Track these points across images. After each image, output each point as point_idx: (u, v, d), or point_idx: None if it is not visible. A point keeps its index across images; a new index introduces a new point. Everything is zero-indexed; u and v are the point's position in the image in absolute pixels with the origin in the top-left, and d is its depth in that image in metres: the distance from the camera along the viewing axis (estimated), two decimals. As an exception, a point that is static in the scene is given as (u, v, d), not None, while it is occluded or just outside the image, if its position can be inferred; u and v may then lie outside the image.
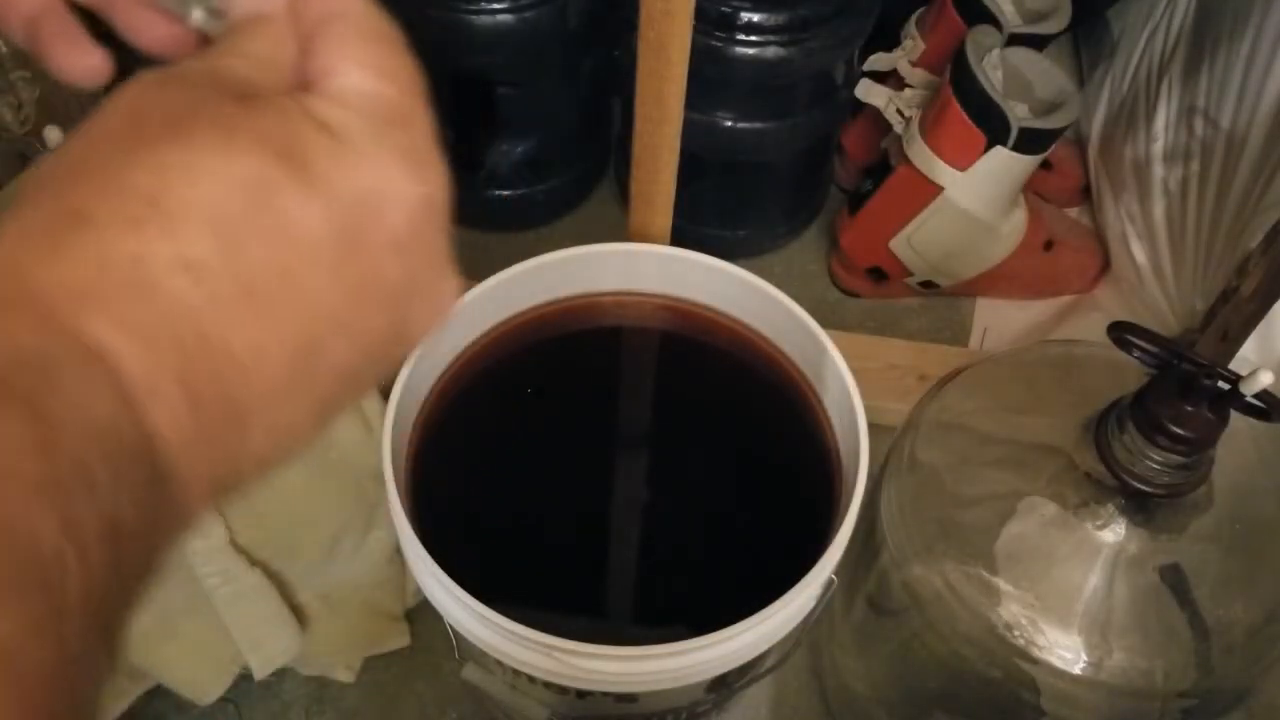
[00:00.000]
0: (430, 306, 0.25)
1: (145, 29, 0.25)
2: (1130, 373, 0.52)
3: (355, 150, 0.21)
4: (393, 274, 0.23)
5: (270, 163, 0.20)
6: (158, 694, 0.78)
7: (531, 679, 0.55)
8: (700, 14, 0.65)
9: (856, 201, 1.00)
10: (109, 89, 0.22)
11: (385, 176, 0.22)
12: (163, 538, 0.19)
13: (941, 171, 0.90)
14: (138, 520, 0.18)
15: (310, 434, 0.22)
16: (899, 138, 0.96)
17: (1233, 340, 0.77)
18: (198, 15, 0.25)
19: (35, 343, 0.18)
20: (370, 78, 0.23)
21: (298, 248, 0.20)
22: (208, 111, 0.20)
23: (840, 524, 0.55)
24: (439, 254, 0.25)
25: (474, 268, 0.77)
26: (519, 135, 1.01)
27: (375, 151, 0.22)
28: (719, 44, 0.86)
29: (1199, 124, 0.91)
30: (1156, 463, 0.50)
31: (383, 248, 0.22)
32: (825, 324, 0.64)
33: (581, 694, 0.55)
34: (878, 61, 1.00)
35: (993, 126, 0.86)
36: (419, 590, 0.59)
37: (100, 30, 0.26)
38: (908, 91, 0.98)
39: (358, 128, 0.22)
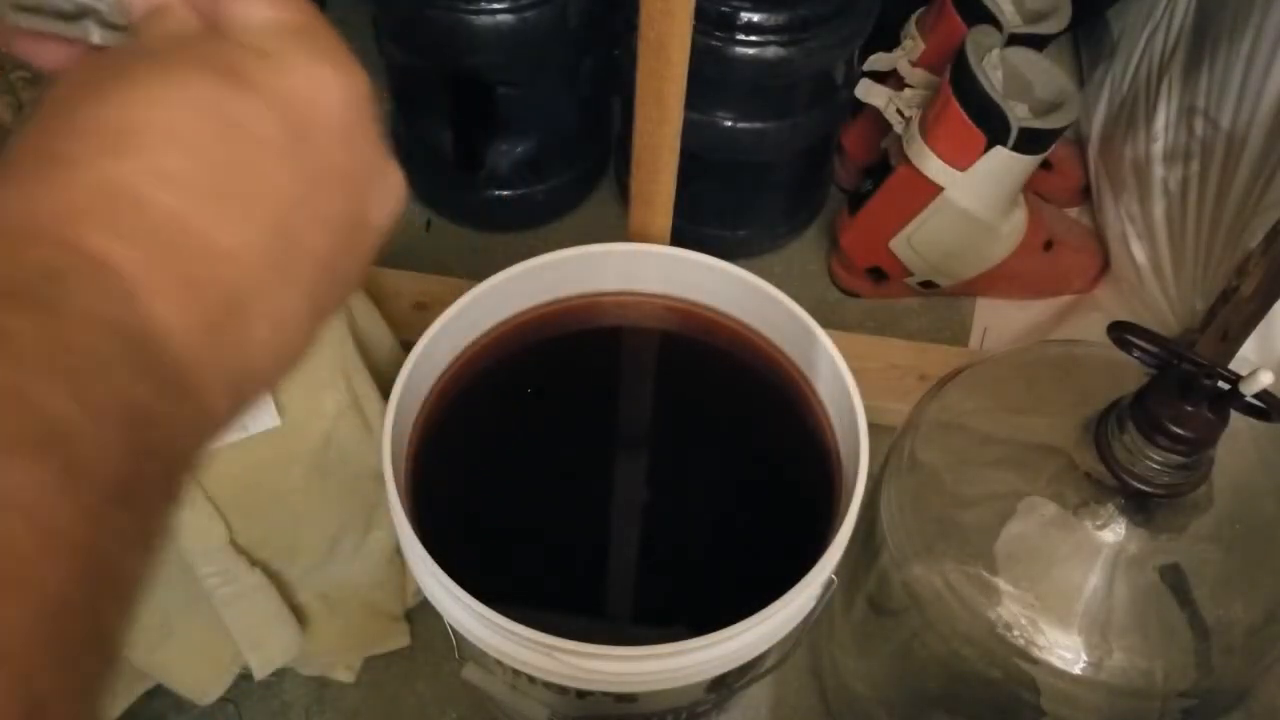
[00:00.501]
0: (383, 190, 0.27)
1: (48, 54, 0.26)
2: (1130, 373, 0.52)
3: (283, 58, 0.24)
4: (341, 159, 0.25)
5: (213, 81, 0.23)
6: (158, 694, 0.78)
7: (531, 679, 0.55)
8: (700, 14, 0.65)
9: (856, 201, 1.00)
10: None
11: (316, 74, 0.25)
12: (193, 435, 0.21)
13: (941, 171, 0.90)
14: (160, 410, 0.20)
15: (308, 324, 0.25)
16: (899, 138, 0.96)
17: (1233, 340, 0.77)
18: (96, 34, 0.25)
19: (43, 257, 0.20)
20: (271, 7, 0.25)
21: (254, 147, 0.23)
22: (146, 58, 0.23)
23: (840, 524, 0.55)
24: (377, 142, 0.27)
25: (474, 268, 0.78)
26: (519, 135, 1.01)
27: (300, 57, 0.25)
28: (719, 44, 0.86)
29: (1199, 124, 0.91)
30: (1156, 463, 0.50)
31: (328, 136, 0.25)
32: (825, 324, 0.64)
33: (581, 694, 0.55)
34: (878, 61, 1.00)
35: (993, 126, 0.86)
36: (419, 590, 0.59)
37: None
38: (908, 91, 0.98)
39: (278, 43, 0.25)
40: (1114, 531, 0.54)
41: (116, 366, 0.19)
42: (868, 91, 0.99)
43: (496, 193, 1.04)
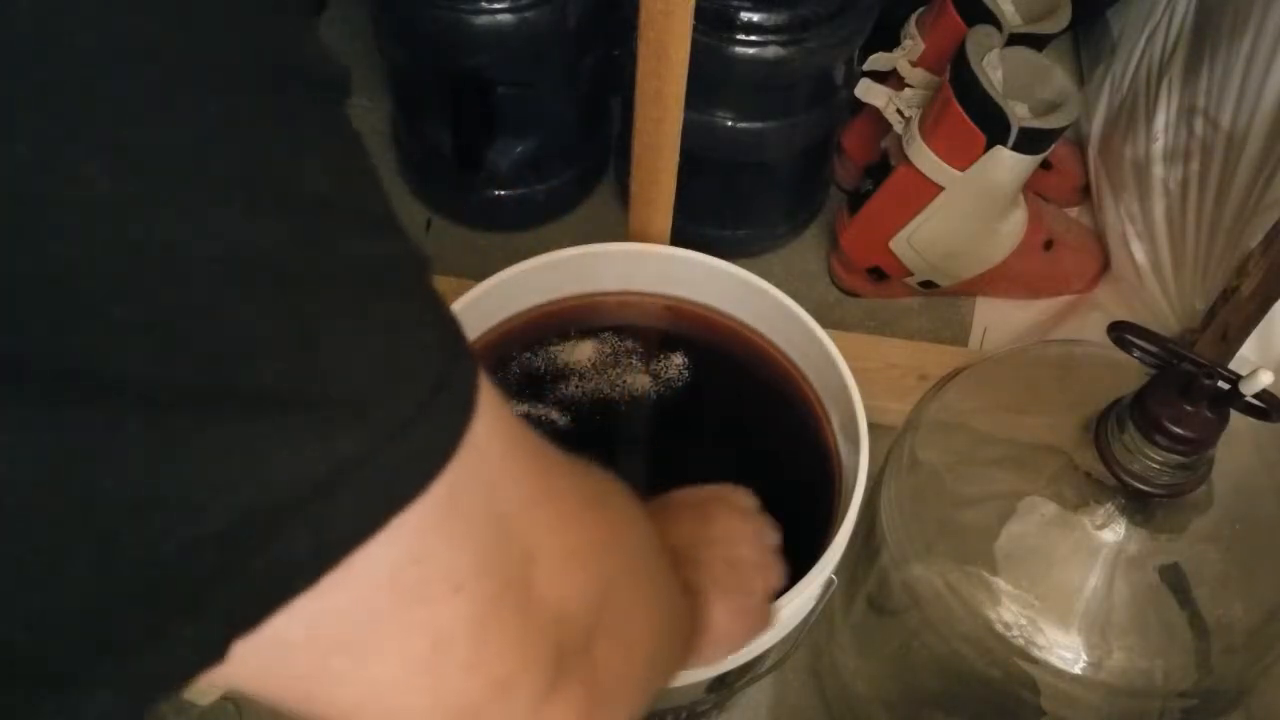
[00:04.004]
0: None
1: None
2: (1130, 373, 0.52)
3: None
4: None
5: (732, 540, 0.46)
6: (158, 694, 0.78)
7: (531, 679, 0.54)
8: (700, 14, 0.65)
9: (856, 201, 1.00)
10: None
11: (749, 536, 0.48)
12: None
13: (941, 171, 0.90)
14: (686, 639, 0.40)
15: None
16: (899, 138, 0.96)
17: (1233, 340, 0.77)
18: None
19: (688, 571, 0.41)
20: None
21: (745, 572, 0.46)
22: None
23: (840, 524, 0.55)
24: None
25: (474, 268, 0.78)
26: (519, 135, 1.01)
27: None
28: (719, 44, 0.86)
29: (1199, 124, 0.91)
30: (1156, 462, 0.50)
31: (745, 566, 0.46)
32: (825, 324, 0.64)
33: (581, 694, 0.55)
34: (878, 61, 1.00)
35: (993, 126, 0.86)
36: (419, 590, 0.59)
37: None
38: (908, 91, 0.98)
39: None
40: (1114, 531, 0.54)
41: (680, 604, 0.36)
42: (868, 91, 0.99)
43: (496, 193, 1.04)
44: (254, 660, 0.18)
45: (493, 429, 0.21)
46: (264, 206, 0.16)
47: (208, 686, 0.17)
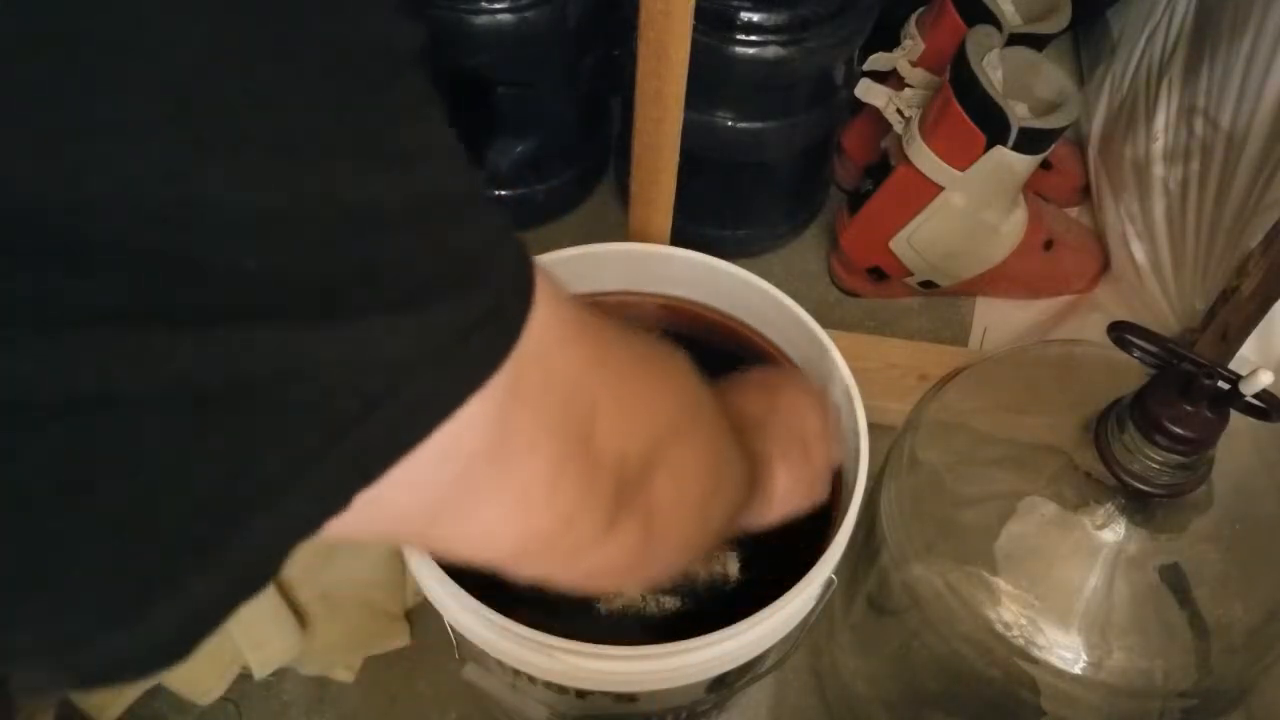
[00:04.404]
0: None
1: None
2: (1130, 373, 0.52)
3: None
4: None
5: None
6: (158, 694, 0.78)
7: (531, 679, 0.55)
8: (700, 14, 0.65)
9: (856, 201, 1.00)
10: None
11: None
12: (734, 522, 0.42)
13: (941, 171, 0.90)
14: (742, 500, 0.41)
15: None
16: (899, 138, 0.96)
17: (1233, 340, 0.77)
18: None
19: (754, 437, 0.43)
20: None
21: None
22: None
23: (840, 524, 0.55)
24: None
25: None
26: (519, 135, 1.01)
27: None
28: (719, 44, 0.86)
29: (1199, 124, 0.91)
30: (1156, 462, 0.50)
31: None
32: (825, 324, 0.64)
33: (581, 693, 0.55)
34: (878, 61, 1.00)
35: (993, 126, 0.86)
36: (419, 590, 0.59)
37: None
38: (908, 91, 0.98)
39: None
40: (1114, 531, 0.54)
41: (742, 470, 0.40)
42: (868, 91, 0.99)
43: (496, 192, 1.04)
44: (374, 516, 0.22)
45: (550, 309, 0.24)
46: (368, 166, 0.19)
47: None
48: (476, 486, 0.24)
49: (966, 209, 0.92)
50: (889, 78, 1.01)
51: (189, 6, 0.16)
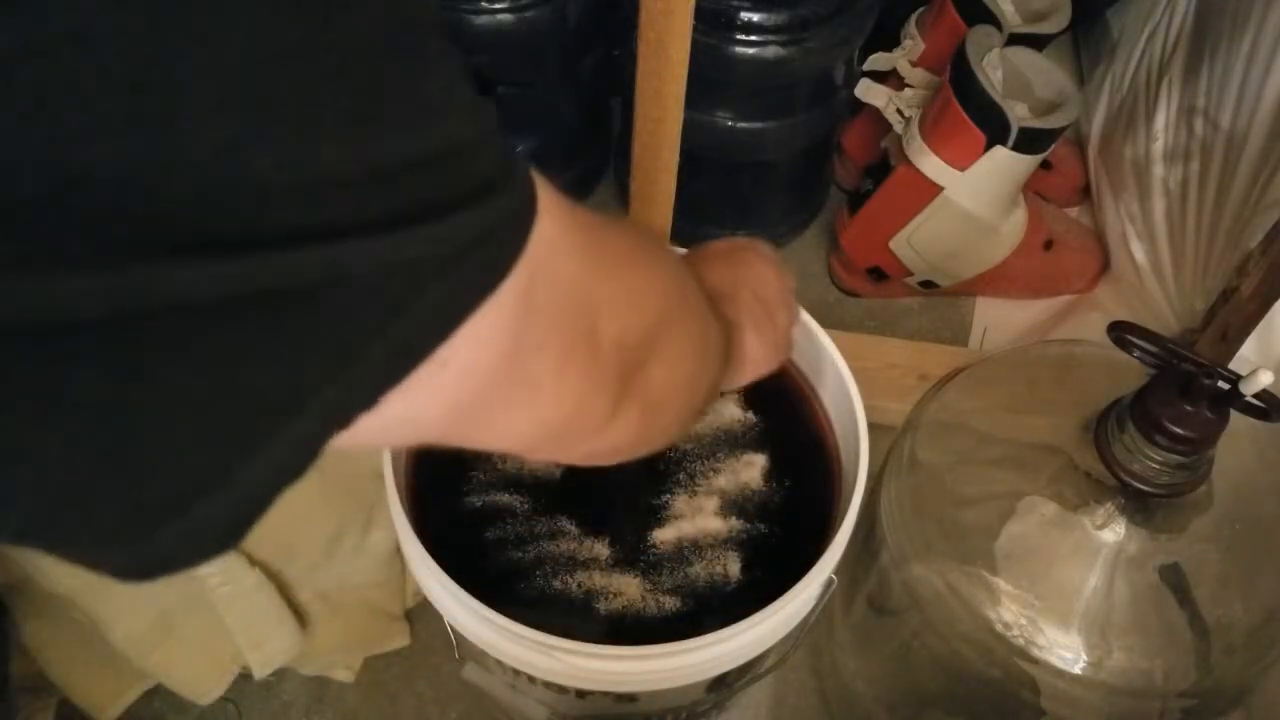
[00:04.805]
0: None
1: None
2: (1130, 373, 0.52)
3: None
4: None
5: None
6: (158, 694, 0.78)
7: (531, 679, 0.55)
8: (700, 14, 0.65)
9: (856, 201, 1.00)
10: None
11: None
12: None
13: (941, 171, 0.90)
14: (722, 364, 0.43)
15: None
16: (899, 138, 0.96)
17: (1233, 340, 0.77)
18: None
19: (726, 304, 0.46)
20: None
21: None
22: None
23: (840, 524, 0.55)
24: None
25: (474, 268, 0.77)
26: (519, 135, 1.01)
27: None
28: (719, 44, 0.86)
29: (1199, 124, 0.91)
30: (1156, 462, 0.50)
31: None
32: (825, 324, 0.64)
33: (581, 693, 0.55)
34: (878, 61, 1.00)
35: (993, 126, 0.86)
36: (419, 590, 0.59)
37: None
38: (908, 91, 0.98)
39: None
40: (1114, 531, 0.54)
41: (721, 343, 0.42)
42: (868, 91, 0.99)
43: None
44: (400, 418, 0.24)
45: (551, 218, 0.26)
46: (402, 119, 0.21)
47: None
48: (494, 383, 0.26)
49: (966, 209, 0.92)
50: (889, 78, 1.01)
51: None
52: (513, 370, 0.27)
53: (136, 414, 0.19)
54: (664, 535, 0.62)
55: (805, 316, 0.64)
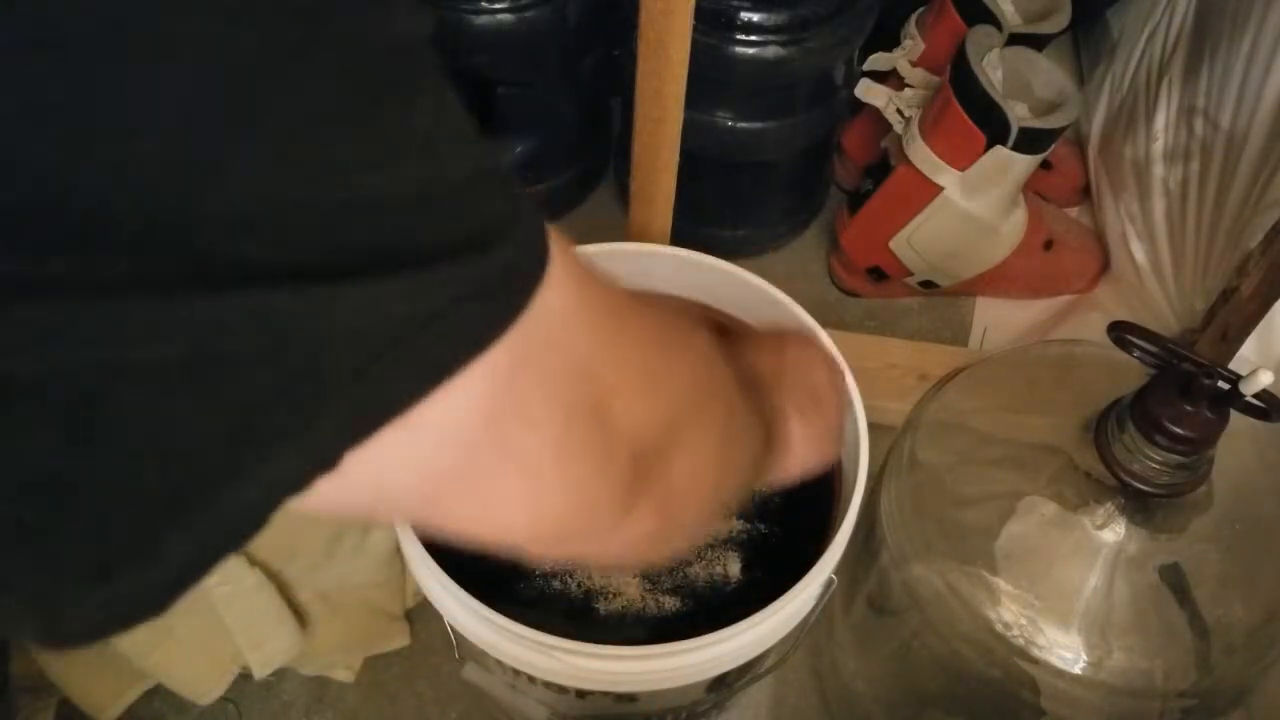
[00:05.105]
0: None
1: None
2: (1130, 373, 0.52)
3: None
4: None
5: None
6: (158, 694, 0.78)
7: (531, 679, 0.55)
8: (700, 14, 0.65)
9: (856, 201, 1.00)
10: None
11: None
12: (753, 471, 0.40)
13: (941, 171, 0.90)
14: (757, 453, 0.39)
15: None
16: (899, 138, 0.96)
17: (1233, 340, 0.77)
18: None
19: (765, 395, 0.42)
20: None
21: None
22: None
23: (840, 524, 0.55)
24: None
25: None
26: (519, 135, 1.01)
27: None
28: (719, 44, 0.86)
29: (1199, 124, 0.91)
30: (1156, 462, 0.50)
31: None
32: (825, 324, 0.64)
33: (581, 693, 0.55)
34: (878, 61, 1.00)
35: (993, 126, 0.86)
36: (419, 590, 0.59)
37: None
38: (908, 91, 0.98)
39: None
40: (1114, 531, 0.54)
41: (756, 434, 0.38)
42: (868, 91, 0.99)
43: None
44: (368, 487, 0.22)
45: (565, 281, 0.24)
46: (385, 149, 0.19)
47: (319, 508, 0.21)
48: (478, 459, 0.23)
49: (966, 209, 0.92)
50: (889, 78, 1.01)
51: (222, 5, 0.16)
52: (500, 446, 0.24)
53: (52, 476, 0.17)
54: (664, 535, 0.62)
55: (806, 317, 0.64)
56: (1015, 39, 0.91)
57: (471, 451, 0.23)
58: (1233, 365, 0.49)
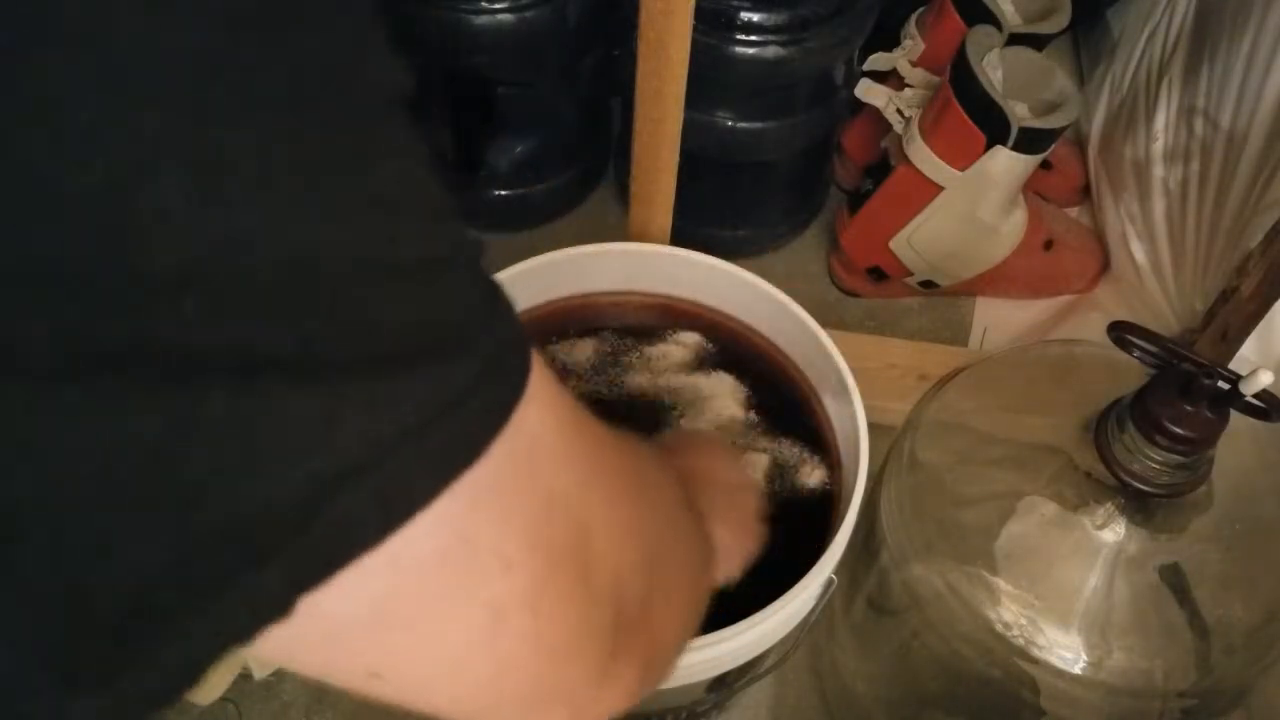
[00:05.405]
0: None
1: None
2: (1130, 373, 0.52)
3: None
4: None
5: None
6: (158, 694, 0.78)
7: (531, 679, 0.54)
8: (700, 14, 0.65)
9: (856, 201, 1.00)
10: None
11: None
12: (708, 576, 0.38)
13: (941, 171, 0.90)
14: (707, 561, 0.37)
15: None
16: (899, 137, 0.96)
17: (1233, 340, 0.77)
18: None
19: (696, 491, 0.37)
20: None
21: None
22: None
23: (840, 524, 0.55)
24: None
25: (474, 268, 0.77)
26: (519, 135, 1.01)
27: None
28: (719, 44, 0.86)
29: (1199, 124, 0.91)
30: (1156, 462, 0.50)
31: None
32: (825, 324, 0.64)
33: (581, 694, 0.55)
34: (878, 61, 1.00)
35: (993, 126, 0.86)
36: (419, 590, 0.59)
37: None
38: (908, 91, 0.98)
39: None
40: (1114, 531, 0.54)
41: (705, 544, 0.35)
42: (868, 91, 0.99)
43: (496, 192, 1.04)
44: (318, 632, 0.19)
45: (545, 408, 0.21)
46: (333, 209, 0.17)
47: (266, 658, 0.19)
48: (432, 604, 0.20)
49: (966, 209, 0.92)
50: (889, 78, 1.01)
51: (178, 24, 0.15)
52: (462, 589, 0.20)
53: None
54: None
55: (805, 317, 0.64)
56: (1015, 39, 0.91)
57: (433, 597, 0.20)
58: (1233, 365, 0.49)
